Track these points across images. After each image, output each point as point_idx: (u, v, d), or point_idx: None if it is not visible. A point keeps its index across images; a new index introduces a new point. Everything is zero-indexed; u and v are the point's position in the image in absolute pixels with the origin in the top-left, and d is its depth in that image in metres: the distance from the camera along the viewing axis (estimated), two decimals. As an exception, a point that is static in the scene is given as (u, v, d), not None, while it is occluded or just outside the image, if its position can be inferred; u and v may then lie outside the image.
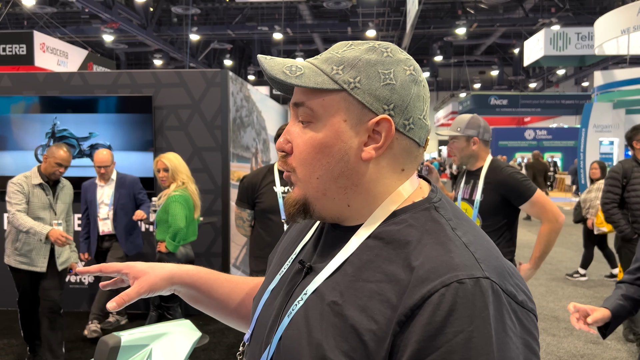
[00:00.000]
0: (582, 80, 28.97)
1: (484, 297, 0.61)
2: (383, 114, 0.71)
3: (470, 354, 0.58)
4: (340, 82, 0.71)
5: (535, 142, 21.49)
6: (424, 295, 0.61)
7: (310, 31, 22.03)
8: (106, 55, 25.11)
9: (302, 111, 0.74)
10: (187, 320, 1.79)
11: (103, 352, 1.49)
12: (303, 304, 0.72)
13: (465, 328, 0.59)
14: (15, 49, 11.58)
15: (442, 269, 0.63)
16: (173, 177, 3.72)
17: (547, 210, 2.51)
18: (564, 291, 5.76)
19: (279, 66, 0.73)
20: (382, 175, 0.74)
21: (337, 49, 0.76)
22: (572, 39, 16.14)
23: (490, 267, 0.64)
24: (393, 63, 0.73)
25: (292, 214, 0.77)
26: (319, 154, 0.73)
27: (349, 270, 0.70)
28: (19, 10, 18.40)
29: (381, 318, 0.64)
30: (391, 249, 0.69)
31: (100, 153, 4.12)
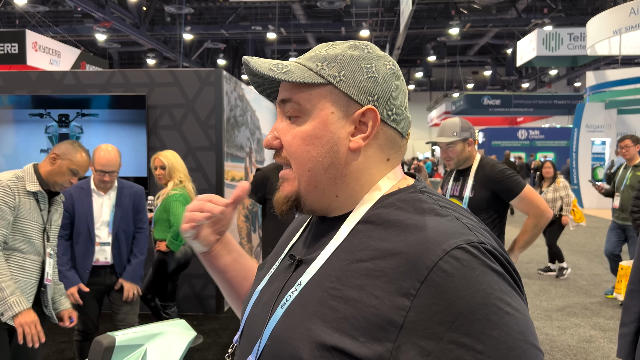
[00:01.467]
0: (575, 81, 29.16)
1: (486, 258, 0.63)
2: (368, 105, 0.74)
3: (491, 310, 0.60)
4: (326, 76, 0.74)
5: (528, 142, 21.61)
6: (428, 266, 0.62)
7: (304, 31, 22.03)
8: (99, 55, 25.00)
9: (289, 107, 0.76)
10: (182, 320, 1.79)
11: (97, 352, 1.49)
12: (298, 294, 0.72)
13: (479, 287, 0.60)
14: (7, 47, 11.52)
15: (440, 237, 0.64)
16: (170, 175, 3.68)
17: (535, 205, 2.59)
18: (556, 290, 5.79)
19: (265, 64, 0.75)
20: (369, 165, 0.76)
21: (320, 49, 0.79)
22: (565, 39, 16.24)
23: (483, 236, 0.67)
24: (374, 58, 0.77)
25: (284, 211, 0.79)
26: (308, 146, 0.75)
27: (342, 256, 0.71)
28: (10, 9, 18.27)
29: (381, 293, 0.64)
30: (382, 229, 0.70)
31: (103, 151, 2.92)
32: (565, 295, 5.55)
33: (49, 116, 4.75)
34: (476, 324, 0.59)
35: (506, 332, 0.59)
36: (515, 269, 0.67)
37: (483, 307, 0.60)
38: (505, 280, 0.63)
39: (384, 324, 0.62)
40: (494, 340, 0.59)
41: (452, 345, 0.59)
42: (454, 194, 2.79)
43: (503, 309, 0.60)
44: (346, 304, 0.66)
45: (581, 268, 6.90)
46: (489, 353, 0.58)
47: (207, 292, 4.80)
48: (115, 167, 2.96)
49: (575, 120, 14.54)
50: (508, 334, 0.59)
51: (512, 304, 0.62)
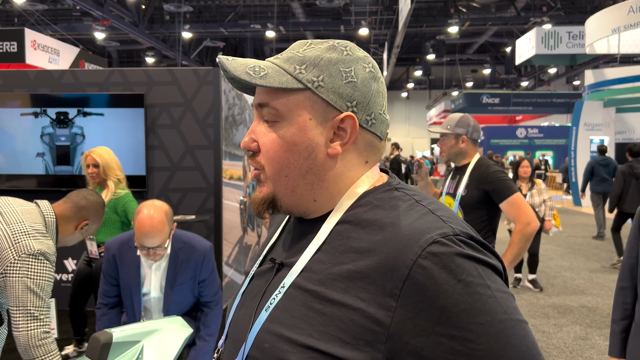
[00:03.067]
0: (573, 79, 29.17)
1: (462, 248, 0.65)
2: (347, 111, 0.74)
3: (473, 298, 0.62)
4: (304, 81, 0.73)
5: (527, 140, 21.63)
6: (408, 265, 0.63)
7: (303, 29, 22.01)
8: (98, 53, 24.99)
9: (266, 111, 0.75)
10: (179, 317, 1.81)
11: (95, 348, 1.51)
12: (282, 297, 0.72)
13: (459, 278, 0.62)
14: (6, 46, 11.51)
15: (416, 234, 0.65)
16: (105, 173, 3.57)
17: (522, 212, 2.54)
18: (553, 288, 5.81)
19: (241, 67, 0.73)
20: (347, 169, 0.76)
21: (298, 48, 0.77)
22: (564, 37, 16.25)
23: (458, 226, 0.68)
24: (353, 61, 0.75)
25: (261, 212, 0.79)
26: (286, 152, 0.74)
27: (324, 259, 0.71)
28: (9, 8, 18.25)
29: (366, 295, 0.65)
30: (360, 229, 0.71)
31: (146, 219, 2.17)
32: (562, 293, 5.58)
33: (45, 114, 4.75)
34: (462, 315, 0.61)
35: (492, 315, 0.61)
36: (491, 249, 0.69)
37: (466, 297, 0.61)
38: (483, 263, 0.65)
39: (373, 326, 0.63)
40: (481, 327, 0.61)
41: (442, 339, 0.61)
42: (449, 192, 2.81)
43: (485, 293, 0.62)
44: (332, 307, 0.66)
45: (578, 266, 6.93)
46: (480, 340, 0.60)
47: (205, 290, 4.82)
48: (161, 240, 2.19)
49: (573, 118, 14.55)
50: (494, 317, 0.61)
51: (492, 286, 0.64)
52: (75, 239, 2.12)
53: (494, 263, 0.67)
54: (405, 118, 36.26)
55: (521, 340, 0.62)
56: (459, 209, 2.69)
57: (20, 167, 4.82)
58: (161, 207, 2.23)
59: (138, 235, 2.18)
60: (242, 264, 5.48)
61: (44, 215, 1.99)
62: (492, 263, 0.66)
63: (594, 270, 6.70)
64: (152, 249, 2.20)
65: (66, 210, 2.04)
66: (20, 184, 4.84)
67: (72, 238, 2.10)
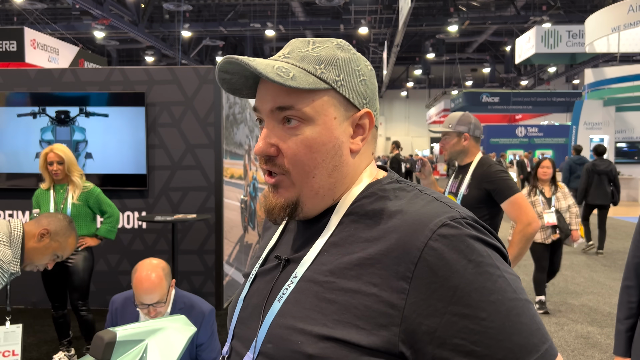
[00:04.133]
0: (573, 78, 29.17)
1: (471, 229, 0.67)
2: (363, 108, 0.78)
3: (484, 278, 0.64)
4: (329, 81, 0.74)
5: (527, 139, 21.63)
6: (419, 247, 0.65)
7: (303, 28, 22.00)
8: (97, 52, 24.95)
9: (289, 113, 0.74)
10: (183, 316, 1.81)
11: (99, 347, 1.51)
12: (293, 289, 0.72)
13: (470, 258, 0.64)
14: (5, 45, 11.49)
15: (425, 218, 0.68)
16: (69, 169, 3.57)
17: (523, 212, 2.52)
18: (554, 287, 5.81)
19: (270, 68, 0.72)
20: (361, 161, 0.80)
21: (304, 47, 0.77)
22: (563, 36, 16.23)
23: (464, 211, 0.71)
24: (358, 59, 0.79)
25: (280, 218, 0.78)
26: (315, 153, 0.74)
27: (333, 251, 0.72)
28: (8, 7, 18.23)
29: (378, 280, 0.66)
30: (367, 219, 0.73)
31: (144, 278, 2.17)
32: (563, 292, 5.57)
33: (44, 114, 4.74)
34: (474, 294, 0.62)
35: (502, 294, 0.63)
36: (495, 233, 0.72)
37: (477, 277, 0.63)
38: (490, 246, 0.67)
39: (387, 309, 0.64)
40: (493, 305, 0.62)
41: (455, 318, 0.62)
42: (451, 191, 2.80)
43: (495, 273, 0.64)
44: (345, 295, 0.67)
45: (579, 265, 6.93)
46: (492, 318, 0.62)
47: (206, 289, 4.82)
48: (160, 296, 2.17)
49: (573, 117, 14.56)
50: (504, 295, 0.63)
51: (502, 267, 0.66)
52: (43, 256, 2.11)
53: (500, 246, 0.70)
54: (405, 117, 36.26)
55: (531, 319, 0.64)
56: None
57: (20, 166, 4.81)
58: (158, 263, 2.23)
59: (137, 293, 2.16)
60: (242, 262, 5.47)
61: (11, 228, 2.02)
62: (498, 246, 0.69)
63: (594, 269, 6.70)
64: (152, 305, 2.17)
65: (29, 223, 2.10)
66: (21, 183, 4.83)
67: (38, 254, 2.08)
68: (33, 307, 4.90)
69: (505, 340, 0.61)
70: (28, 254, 2.06)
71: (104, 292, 4.66)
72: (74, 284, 3.61)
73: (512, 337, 0.62)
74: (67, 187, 3.60)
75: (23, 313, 4.75)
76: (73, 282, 3.61)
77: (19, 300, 4.89)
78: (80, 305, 3.64)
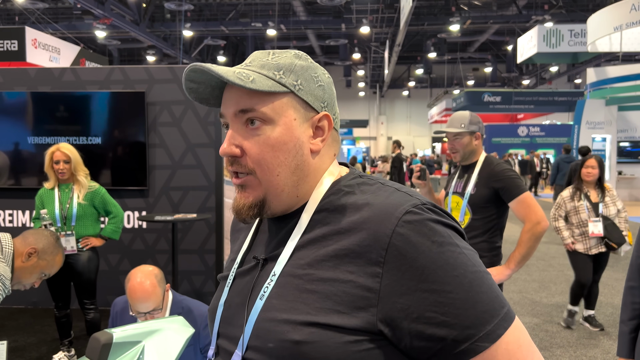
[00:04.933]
0: (575, 77, 29.10)
1: (432, 214, 0.74)
2: (322, 111, 0.83)
3: (447, 256, 0.71)
4: (288, 85, 0.80)
5: (528, 138, 21.58)
6: (388, 234, 0.71)
7: (304, 28, 21.97)
8: (99, 52, 24.95)
9: (252, 115, 0.79)
10: (180, 317, 1.78)
11: (95, 348, 1.48)
12: (274, 285, 0.76)
13: (433, 239, 0.71)
14: (6, 44, 11.48)
15: (390, 208, 0.74)
16: (75, 168, 3.56)
17: (532, 211, 2.51)
18: (557, 287, 5.78)
19: (230, 72, 0.77)
20: (323, 162, 0.85)
21: (264, 57, 0.83)
22: (565, 36, 16.17)
23: (423, 198, 0.78)
24: (316, 68, 0.85)
25: (248, 218, 0.82)
26: (277, 152, 0.79)
27: (308, 246, 0.77)
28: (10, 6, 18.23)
29: (354, 267, 0.72)
30: (337, 213, 0.78)
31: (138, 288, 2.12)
32: (566, 292, 5.54)
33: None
34: (440, 271, 0.70)
35: (464, 268, 0.71)
36: (452, 216, 0.78)
37: (441, 255, 0.70)
38: (449, 227, 0.75)
39: (364, 293, 0.71)
40: (457, 279, 0.70)
41: (425, 294, 0.69)
42: (457, 191, 2.76)
43: (455, 251, 0.72)
44: (324, 284, 0.72)
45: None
46: (457, 290, 0.69)
47: (206, 289, 4.80)
48: (155, 304, 2.14)
49: (575, 117, 14.51)
50: (466, 269, 0.71)
51: (460, 244, 0.73)
52: (30, 276, 2.07)
53: (457, 226, 0.77)
54: (407, 116, 36.20)
55: (489, 288, 0.72)
56: (468, 208, 2.66)
57: (23, 165, 4.79)
58: (151, 271, 2.20)
59: (132, 302, 2.13)
60: (243, 262, 5.45)
61: (2, 244, 1.99)
62: (455, 226, 0.76)
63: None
64: (149, 313, 2.14)
65: (16, 240, 2.06)
66: (23, 183, 4.81)
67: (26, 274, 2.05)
68: (34, 306, 4.88)
69: (470, 308, 0.69)
70: (16, 273, 2.01)
71: (105, 291, 4.65)
72: (81, 284, 3.61)
73: (476, 305, 0.70)
74: (73, 187, 3.58)
75: (23, 312, 4.74)
76: (80, 283, 3.61)
77: (19, 299, 4.88)
78: (88, 305, 3.65)
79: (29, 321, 4.50)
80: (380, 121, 35.85)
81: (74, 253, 3.55)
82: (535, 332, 4.37)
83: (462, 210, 2.68)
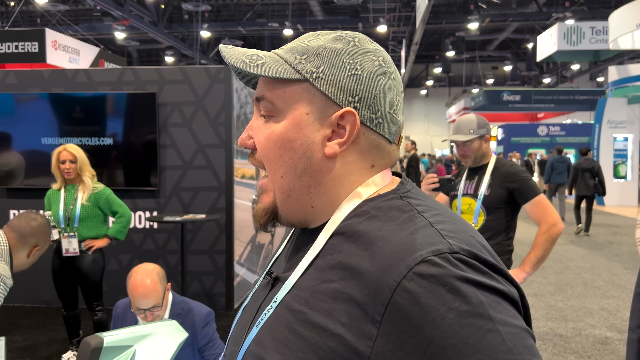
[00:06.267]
0: (597, 76, 28.57)
1: (459, 269, 0.55)
2: (347, 107, 0.67)
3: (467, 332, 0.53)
4: (303, 72, 0.67)
5: (548, 138, 21.22)
6: (391, 287, 0.55)
7: (321, 27, 21.93)
8: (118, 53, 25.27)
9: (263, 105, 0.70)
10: (174, 321, 1.77)
11: (85, 353, 1.47)
12: (271, 314, 0.67)
13: (450, 306, 0.53)
14: (27, 46, 11.68)
15: (405, 251, 0.57)
16: (81, 169, 3.56)
17: (547, 213, 2.51)
18: (573, 290, 5.66)
19: (238, 55, 0.69)
20: (347, 172, 0.69)
21: (304, 39, 0.72)
22: (587, 33, 15.86)
23: (461, 242, 0.58)
24: (360, 53, 0.68)
25: (263, 224, 0.74)
26: (280, 149, 0.69)
27: (314, 274, 0.65)
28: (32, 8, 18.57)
29: (348, 320, 0.58)
30: (352, 242, 0.63)
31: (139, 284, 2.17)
32: (582, 296, 5.43)
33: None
34: (451, 351, 0.51)
35: (489, 354, 0.51)
36: (504, 272, 0.59)
37: (458, 330, 0.52)
38: (485, 289, 0.55)
39: (351, 356, 0.56)
40: None
41: None
42: (467, 193, 2.73)
43: (483, 326, 0.52)
44: (312, 331, 0.60)
45: (599, 267, 6.75)
46: None
47: (217, 290, 4.81)
48: (155, 300, 2.17)
49: (596, 116, 14.23)
50: (492, 356, 0.51)
51: (496, 317, 0.53)
52: (29, 263, 2.18)
53: (504, 289, 0.56)
54: (425, 116, 35.95)
55: None
56: (482, 209, 2.64)
57: (36, 166, 4.86)
58: (153, 269, 2.24)
59: (132, 298, 2.18)
60: (254, 263, 5.45)
61: None
62: (500, 289, 0.56)
63: (615, 272, 6.51)
64: (149, 310, 2.17)
65: (13, 240, 2.10)
66: (37, 182, 4.88)
67: (27, 263, 2.16)
68: (46, 305, 4.95)
69: None
70: (16, 265, 2.09)
71: (115, 291, 4.68)
72: (86, 286, 3.63)
73: None
74: (78, 188, 3.59)
75: (36, 311, 4.80)
76: (85, 285, 3.63)
77: (31, 298, 4.95)
78: (95, 306, 3.68)
79: (41, 320, 4.56)
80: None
81: (78, 255, 3.56)
82: (549, 336, 4.28)
83: (476, 212, 2.66)
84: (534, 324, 4.57)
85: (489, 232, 2.61)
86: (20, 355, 3.79)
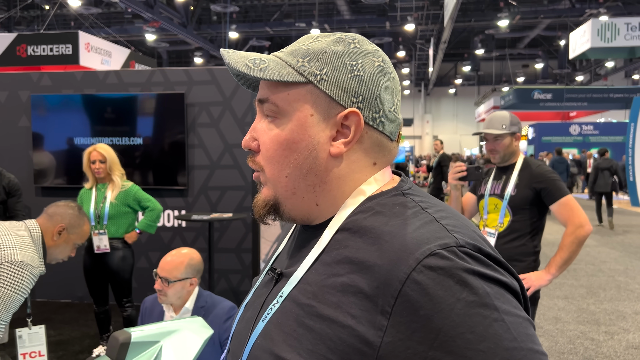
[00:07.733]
0: (632, 73, 27.76)
1: (465, 262, 0.58)
2: (351, 107, 0.69)
3: (474, 321, 0.55)
4: (306, 74, 0.69)
5: (581, 137, 20.72)
6: (401, 279, 0.57)
7: (348, 27, 21.91)
8: (148, 54, 25.74)
9: (267, 107, 0.71)
10: (200, 318, 1.80)
11: (114, 347, 1.51)
12: (278, 308, 0.68)
13: (458, 296, 0.55)
14: (61, 49, 12.00)
15: (413, 245, 0.59)
16: (110, 168, 3.64)
17: (575, 214, 2.45)
18: (605, 293, 5.52)
19: (241, 59, 0.70)
20: (352, 170, 0.71)
21: (304, 41, 0.73)
22: (621, 29, 15.42)
23: (466, 237, 0.61)
24: (360, 54, 0.71)
25: (261, 215, 0.75)
26: (286, 151, 0.70)
27: (321, 269, 0.67)
28: (66, 12, 19.06)
29: (358, 311, 0.59)
30: (358, 237, 0.65)
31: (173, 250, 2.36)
32: (615, 299, 5.29)
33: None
34: (459, 339, 0.54)
35: (496, 342, 0.54)
36: (505, 265, 0.62)
37: (465, 319, 0.54)
38: (490, 280, 0.58)
39: (361, 346, 0.58)
40: (481, 355, 0.54)
41: None
42: (494, 193, 2.70)
43: (489, 316, 0.55)
44: (322, 323, 0.62)
45: (634, 270, 6.56)
46: None
47: (243, 288, 4.86)
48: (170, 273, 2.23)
49: (631, 114, 13.82)
50: (498, 344, 0.54)
51: (501, 307, 0.56)
52: (64, 250, 2.18)
53: (507, 280, 0.59)
54: (453, 115, 35.54)
55: None
56: (508, 209, 2.61)
57: (68, 165, 4.99)
58: (188, 252, 2.34)
59: (159, 265, 2.31)
60: (280, 262, 5.48)
61: (29, 230, 2.08)
62: (503, 280, 0.59)
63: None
64: (161, 278, 2.23)
65: (42, 220, 2.14)
66: (69, 182, 5.01)
67: (60, 250, 2.15)
68: (79, 301, 5.07)
69: None
70: (50, 252, 2.12)
71: (145, 288, 4.77)
72: (116, 283, 3.71)
73: None
74: (107, 186, 3.68)
75: (70, 307, 4.93)
76: (115, 282, 3.71)
77: (65, 294, 5.08)
78: (125, 302, 3.76)
79: (74, 316, 4.68)
80: (425, 120, 35.32)
81: (108, 252, 3.64)
82: (580, 340, 4.19)
83: (502, 212, 2.62)
84: (565, 327, 4.47)
85: (514, 232, 2.57)
86: (53, 349, 3.90)
